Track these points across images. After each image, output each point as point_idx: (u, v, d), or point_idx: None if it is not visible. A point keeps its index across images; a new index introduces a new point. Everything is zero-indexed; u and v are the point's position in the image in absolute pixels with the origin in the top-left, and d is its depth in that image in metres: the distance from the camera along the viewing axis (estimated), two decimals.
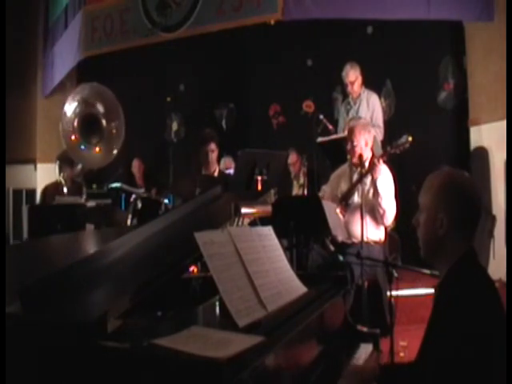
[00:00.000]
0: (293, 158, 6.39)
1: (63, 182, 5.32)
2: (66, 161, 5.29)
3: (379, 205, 3.89)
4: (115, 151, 4.67)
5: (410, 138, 3.82)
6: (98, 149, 4.63)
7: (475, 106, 5.63)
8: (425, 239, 1.66)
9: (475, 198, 1.64)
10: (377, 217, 3.94)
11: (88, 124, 4.59)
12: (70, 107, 4.62)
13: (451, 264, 1.59)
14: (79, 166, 5.44)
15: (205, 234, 1.63)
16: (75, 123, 4.58)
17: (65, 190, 5.27)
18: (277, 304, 1.69)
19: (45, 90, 8.58)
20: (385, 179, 3.93)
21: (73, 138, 4.61)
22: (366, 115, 5.26)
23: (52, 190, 5.48)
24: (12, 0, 7.64)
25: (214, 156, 4.61)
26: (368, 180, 3.98)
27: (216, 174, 4.62)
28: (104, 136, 4.60)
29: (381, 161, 3.86)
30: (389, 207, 3.90)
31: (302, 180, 6.07)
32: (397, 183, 4.04)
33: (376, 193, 3.89)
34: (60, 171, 5.35)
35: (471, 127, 5.65)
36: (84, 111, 4.59)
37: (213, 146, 4.58)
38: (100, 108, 4.61)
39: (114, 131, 4.60)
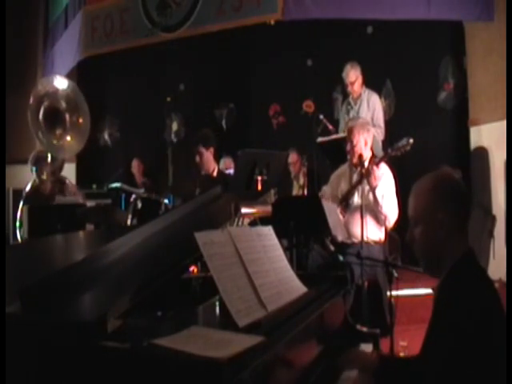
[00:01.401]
0: (293, 157, 6.39)
1: (46, 178, 5.28)
2: (41, 158, 5.27)
3: (379, 212, 3.89)
4: (83, 140, 4.78)
5: (411, 140, 3.79)
6: (69, 137, 4.71)
7: (475, 106, 5.63)
8: (425, 245, 1.63)
9: (466, 193, 1.66)
10: (378, 218, 3.94)
11: (50, 117, 4.67)
12: (34, 103, 4.71)
13: (451, 265, 1.59)
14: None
15: (205, 234, 1.63)
16: (40, 117, 4.68)
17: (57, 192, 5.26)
18: (277, 304, 1.69)
19: None
20: (385, 182, 3.91)
21: (39, 131, 4.74)
22: (367, 115, 5.25)
23: (32, 195, 5.39)
24: (12, 0, 7.64)
25: (204, 159, 4.53)
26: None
27: (216, 174, 4.61)
28: (67, 127, 4.69)
29: (375, 167, 3.82)
30: (390, 211, 3.89)
31: (301, 180, 6.07)
32: (397, 183, 4.03)
33: (375, 201, 3.89)
34: (39, 171, 5.30)
35: (471, 127, 5.65)
36: (44, 106, 4.67)
37: (201, 148, 4.52)
38: (62, 102, 4.69)
39: (78, 121, 4.69)
